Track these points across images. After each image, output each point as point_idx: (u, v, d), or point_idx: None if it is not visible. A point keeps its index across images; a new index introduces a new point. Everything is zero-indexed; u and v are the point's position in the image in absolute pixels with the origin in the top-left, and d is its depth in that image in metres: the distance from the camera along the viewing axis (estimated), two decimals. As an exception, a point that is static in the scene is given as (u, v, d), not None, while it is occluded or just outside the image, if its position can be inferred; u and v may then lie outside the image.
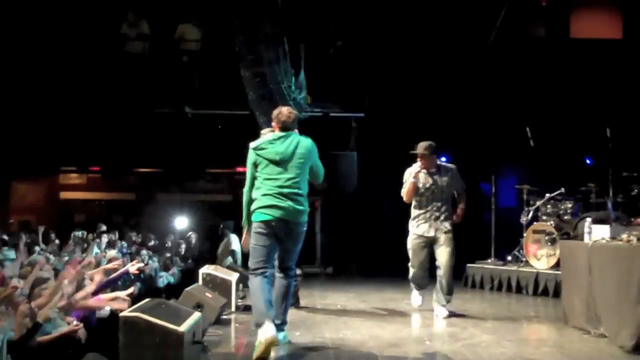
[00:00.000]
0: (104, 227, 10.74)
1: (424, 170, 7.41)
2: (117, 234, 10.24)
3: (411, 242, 7.50)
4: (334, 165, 10.79)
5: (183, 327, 4.85)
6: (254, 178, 5.71)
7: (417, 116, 12.15)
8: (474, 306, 8.36)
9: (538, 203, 9.88)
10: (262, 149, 5.70)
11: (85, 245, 9.15)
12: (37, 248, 8.33)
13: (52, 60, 12.58)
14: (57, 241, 8.67)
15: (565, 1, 13.42)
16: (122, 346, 4.77)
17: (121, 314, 5.03)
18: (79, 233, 9.69)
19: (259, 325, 5.40)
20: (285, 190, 5.60)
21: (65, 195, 15.66)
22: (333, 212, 9.84)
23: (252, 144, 5.77)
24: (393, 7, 12.46)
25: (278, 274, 5.84)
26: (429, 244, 7.40)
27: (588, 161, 11.74)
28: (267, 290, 5.57)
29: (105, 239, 9.62)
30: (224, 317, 7.09)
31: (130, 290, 6.83)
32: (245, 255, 11.05)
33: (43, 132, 12.83)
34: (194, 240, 12.39)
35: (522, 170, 11.81)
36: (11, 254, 7.56)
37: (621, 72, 12.42)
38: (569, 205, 9.77)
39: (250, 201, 5.67)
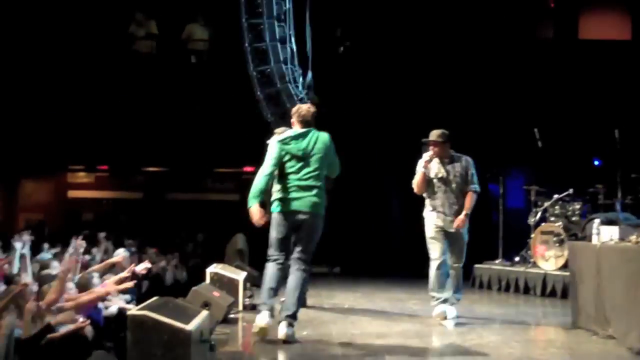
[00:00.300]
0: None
1: (437, 160, 7.02)
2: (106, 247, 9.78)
3: (431, 230, 7.02)
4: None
5: (191, 326, 4.85)
6: (274, 168, 5.90)
7: (424, 116, 12.13)
8: (481, 307, 8.34)
9: (546, 204, 9.86)
10: (287, 143, 5.94)
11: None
12: (45, 245, 8.31)
13: (60, 59, 12.63)
14: (57, 248, 8.58)
15: (574, 2, 13.41)
16: (130, 344, 4.77)
17: (129, 312, 5.03)
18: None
19: (259, 311, 5.89)
20: (303, 183, 5.86)
21: (73, 193, 15.69)
22: (340, 212, 9.83)
23: (278, 138, 6.02)
24: (401, 8, 12.45)
25: (292, 265, 5.98)
26: (446, 234, 7.02)
27: (596, 162, 11.72)
28: (275, 279, 5.89)
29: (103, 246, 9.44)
30: (232, 316, 7.09)
31: (142, 265, 6.79)
32: (252, 255, 11.11)
33: (51, 131, 12.87)
34: (201, 239, 12.40)
35: (530, 171, 11.79)
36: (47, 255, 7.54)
37: (630, 73, 12.40)
38: (577, 207, 9.75)
39: (265, 186, 5.88)
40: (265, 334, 5.81)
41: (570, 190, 9.70)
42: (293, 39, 11.38)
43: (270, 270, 5.94)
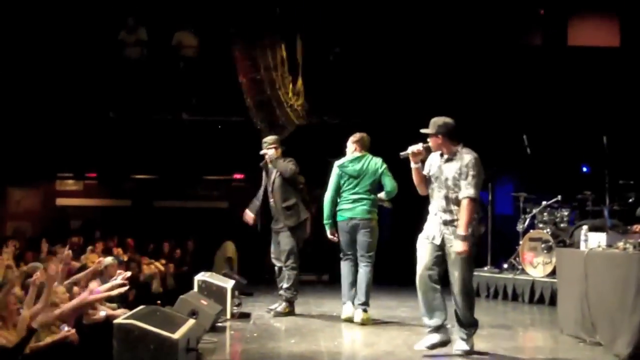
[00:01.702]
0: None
1: (439, 154, 5.88)
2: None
3: (418, 241, 5.90)
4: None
5: (177, 335, 4.84)
6: (338, 188, 7.46)
7: (413, 123, 12.13)
8: (470, 314, 8.32)
9: (534, 211, 9.89)
10: (345, 166, 7.47)
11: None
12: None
13: (49, 66, 12.57)
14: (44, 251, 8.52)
15: (563, 9, 13.45)
16: (117, 353, 4.76)
17: (115, 321, 5.01)
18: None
19: (344, 302, 7.45)
20: (356, 197, 7.37)
21: (61, 201, 15.61)
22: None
23: (337, 163, 7.53)
24: (391, 15, 12.47)
25: (360, 263, 7.37)
26: (441, 249, 5.76)
27: (585, 169, 11.76)
28: (350, 274, 7.42)
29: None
30: (219, 324, 7.06)
31: (128, 273, 6.77)
32: (241, 263, 11.08)
33: (40, 138, 12.80)
34: (190, 247, 12.36)
35: (518, 177, 11.82)
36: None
37: (618, 80, 12.45)
38: (566, 213, 9.79)
39: (333, 203, 7.45)
40: (351, 320, 7.25)
41: (559, 197, 9.74)
42: (283, 46, 11.40)
43: (343, 268, 7.50)
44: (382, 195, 7.53)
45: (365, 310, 7.28)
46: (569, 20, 13.53)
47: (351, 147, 7.60)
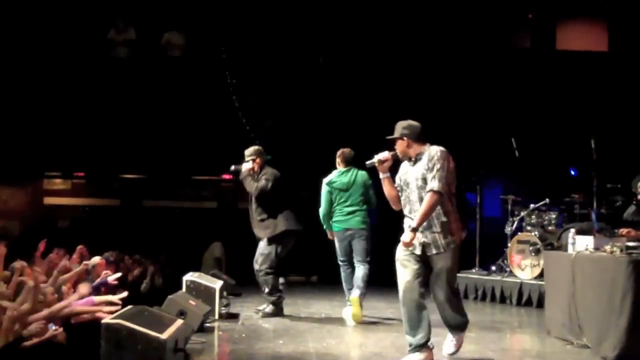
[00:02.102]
0: None
1: (407, 161, 5.57)
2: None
3: (397, 254, 5.53)
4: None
5: (165, 335, 4.82)
6: (330, 203, 7.85)
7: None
8: (458, 316, 8.34)
9: (522, 213, 9.92)
10: (333, 182, 7.84)
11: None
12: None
13: (37, 65, 12.53)
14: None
15: (552, 13, 13.52)
16: (104, 353, 4.74)
17: (103, 321, 4.99)
18: None
19: (347, 305, 7.79)
20: (350, 209, 7.79)
21: (49, 200, 15.53)
22: (317, 220, 9.86)
23: (325, 180, 7.88)
24: (376, 15, 12.50)
25: (357, 265, 7.77)
26: (422, 260, 5.44)
27: (572, 172, 11.80)
28: (350, 279, 7.81)
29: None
30: (208, 324, 7.05)
31: (124, 294, 6.77)
32: (229, 263, 11.07)
33: (27, 137, 12.75)
34: (177, 247, 12.32)
35: (507, 180, 11.84)
36: None
37: (606, 84, 12.53)
38: (553, 216, 9.83)
39: (327, 216, 7.90)
40: (359, 320, 7.56)
41: (547, 200, 9.78)
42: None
43: (344, 274, 7.90)
44: None
45: (362, 295, 7.62)
46: (558, 24, 13.59)
47: (337, 162, 8.01)
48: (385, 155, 5.54)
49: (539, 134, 12.05)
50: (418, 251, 5.38)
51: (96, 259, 7.86)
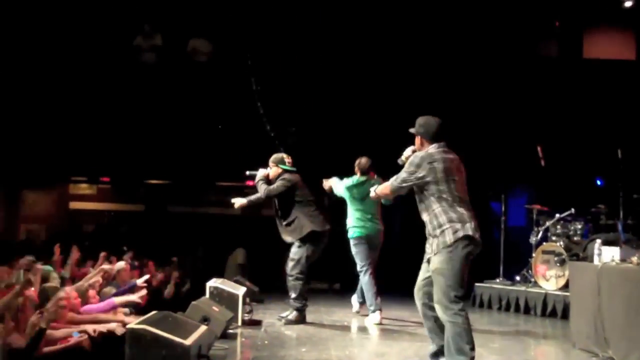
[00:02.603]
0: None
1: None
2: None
3: None
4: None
5: (189, 341, 4.85)
6: (352, 204, 8.25)
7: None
8: (481, 326, 8.30)
9: (548, 223, 9.84)
10: (350, 189, 8.20)
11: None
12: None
13: (64, 71, 12.66)
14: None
15: (578, 21, 13.43)
16: (128, 358, 4.77)
17: (128, 326, 5.03)
18: None
19: (373, 311, 8.12)
20: (369, 216, 8.20)
21: (74, 205, 15.69)
22: (341, 228, 9.86)
23: (347, 184, 8.21)
24: (403, 21, 12.48)
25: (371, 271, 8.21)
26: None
27: (599, 182, 11.69)
28: (374, 283, 8.13)
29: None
30: (230, 331, 7.06)
31: (143, 292, 6.81)
32: (253, 270, 11.10)
33: (54, 142, 12.88)
34: (201, 253, 12.39)
35: (532, 189, 11.78)
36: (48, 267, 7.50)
37: (633, 93, 12.40)
38: (579, 226, 9.74)
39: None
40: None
41: (572, 210, 9.69)
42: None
43: (367, 277, 8.13)
44: None
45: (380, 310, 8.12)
46: (584, 33, 13.50)
47: (355, 170, 8.35)
48: (408, 152, 5.56)
49: (565, 143, 11.95)
50: (428, 255, 5.32)
51: (121, 264, 7.92)
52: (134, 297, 6.61)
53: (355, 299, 8.85)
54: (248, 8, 12.58)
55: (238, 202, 8.13)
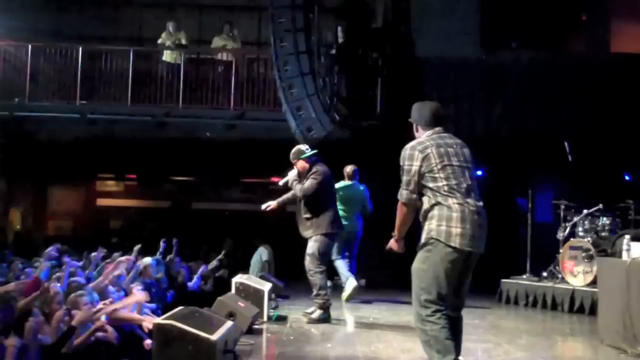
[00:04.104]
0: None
1: None
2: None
3: None
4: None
5: (215, 336, 4.86)
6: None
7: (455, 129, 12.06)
8: (508, 322, 8.25)
9: (575, 219, 9.75)
10: (339, 192, 8.87)
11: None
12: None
13: (91, 67, 12.78)
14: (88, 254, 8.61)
15: (606, 15, 13.30)
16: (155, 353, 4.79)
17: (155, 321, 5.06)
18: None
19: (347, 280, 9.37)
20: (351, 215, 9.45)
21: (101, 202, 15.85)
22: (366, 224, 9.87)
23: (339, 186, 9.10)
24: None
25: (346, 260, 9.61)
26: None
27: (627, 177, 11.56)
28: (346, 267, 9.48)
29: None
30: (256, 326, 7.07)
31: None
32: (278, 266, 11.12)
33: (81, 140, 13.00)
34: (227, 249, 12.42)
35: (559, 185, 11.65)
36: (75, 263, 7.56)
37: (662, 87, 12.24)
38: (607, 222, 9.62)
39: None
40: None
41: (600, 205, 9.58)
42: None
43: (343, 262, 9.47)
44: None
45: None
46: (612, 26, 13.36)
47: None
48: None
49: (593, 138, 11.82)
50: None
51: (147, 260, 7.96)
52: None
53: (349, 282, 9.38)
54: None
55: (269, 205, 8.08)
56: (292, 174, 7.87)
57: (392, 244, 4.98)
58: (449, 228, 4.55)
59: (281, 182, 7.98)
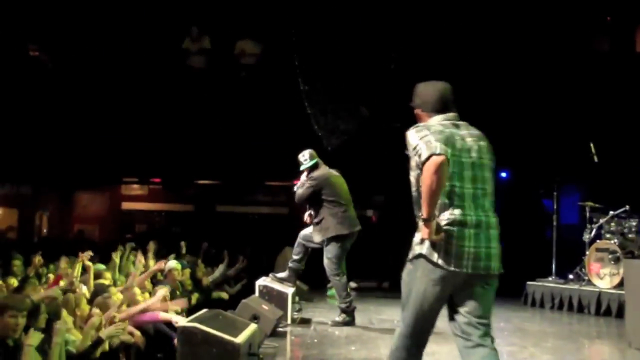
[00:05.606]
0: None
1: None
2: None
3: None
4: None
5: (239, 339, 4.87)
6: None
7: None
8: (533, 325, 8.19)
9: (601, 220, 9.65)
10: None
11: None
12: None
13: (115, 74, 12.87)
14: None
15: (631, 15, 13.16)
16: (179, 356, 4.82)
17: (179, 324, 5.08)
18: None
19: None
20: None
21: (126, 205, 15.96)
22: (389, 226, 9.82)
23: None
24: (453, 19, 12.37)
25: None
26: None
27: (654, 178, 11.41)
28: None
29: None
30: (280, 329, 7.09)
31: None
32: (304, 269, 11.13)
33: (106, 144, 13.10)
34: (250, 252, 12.45)
35: (585, 186, 11.55)
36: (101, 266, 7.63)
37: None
38: (634, 224, 9.51)
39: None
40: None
41: (627, 207, 9.48)
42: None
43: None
44: None
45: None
46: (637, 27, 13.22)
47: None
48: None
49: (619, 139, 11.69)
50: None
51: (172, 263, 8.01)
52: (179, 319, 6.51)
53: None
54: (295, 7, 12.62)
55: (310, 213, 7.97)
56: (301, 181, 7.92)
57: (423, 230, 3.70)
58: (448, 243, 3.77)
59: (295, 189, 8.02)
